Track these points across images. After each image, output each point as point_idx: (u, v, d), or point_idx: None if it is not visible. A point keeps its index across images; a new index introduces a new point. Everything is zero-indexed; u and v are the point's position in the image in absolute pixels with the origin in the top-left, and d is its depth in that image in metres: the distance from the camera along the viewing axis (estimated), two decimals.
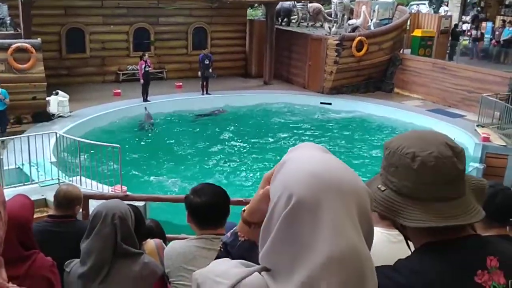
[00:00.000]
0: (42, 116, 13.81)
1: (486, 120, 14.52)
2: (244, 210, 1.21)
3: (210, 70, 17.29)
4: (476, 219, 1.16)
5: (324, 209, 0.85)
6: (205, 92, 17.46)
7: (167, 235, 4.20)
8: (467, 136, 14.13)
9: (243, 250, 1.19)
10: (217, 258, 1.20)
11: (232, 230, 1.24)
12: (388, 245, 2.36)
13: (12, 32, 16.60)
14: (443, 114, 16.33)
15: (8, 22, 17.19)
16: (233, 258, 1.11)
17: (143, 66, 15.75)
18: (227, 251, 1.22)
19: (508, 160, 12.79)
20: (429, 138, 1.19)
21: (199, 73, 17.27)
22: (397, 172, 1.17)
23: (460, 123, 15.19)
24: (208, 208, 2.38)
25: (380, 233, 2.38)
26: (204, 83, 17.32)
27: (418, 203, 1.15)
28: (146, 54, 16.34)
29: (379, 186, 1.22)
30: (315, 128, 16.30)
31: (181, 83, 18.21)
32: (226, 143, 14.54)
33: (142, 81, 15.91)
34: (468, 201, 1.17)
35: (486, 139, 13.31)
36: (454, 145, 1.18)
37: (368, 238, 0.91)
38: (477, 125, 14.54)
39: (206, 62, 17.11)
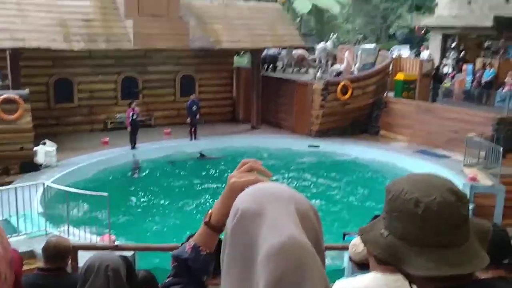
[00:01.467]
0: (30, 166, 13.69)
1: (472, 160, 14.71)
2: (207, 221, 1.24)
3: (198, 116, 17.48)
4: (481, 266, 1.14)
5: (266, 212, 0.93)
6: (193, 138, 17.55)
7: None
8: (454, 176, 14.22)
9: (207, 263, 1.22)
10: (174, 275, 1.21)
11: (187, 245, 1.25)
12: None
13: (0, 83, 16.69)
14: (430, 155, 16.53)
15: None
16: (195, 273, 1.17)
17: (131, 114, 15.87)
18: (187, 267, 1.22)
19: (496, 199, 12.89)
20: (432, 183, 1.17)
21: (188, 119, 17.41)
22: (400, 217, 1.15)
23: (447, 164, 15.35)
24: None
25: (378, 277, 2.37)
26: (192, 129, 17.45)
27: (422, 250, 1.13)
28: (134, 102, 16.48)
29: (382, 232, 1.19)
30: (304, 171, 16.36)
31: (169, 130, 18.30)
32: (216, 187, 14.49)
33: (129, 128, 15.98)
34: (472, 247, 1.15)
35: (474, 179, 13.44)
36: (457, 190, 1.16)
37: (314, 240, 0.94)
38: (464, 165, 14.70)
39: (194, 108, 17.31)
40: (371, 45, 24.15)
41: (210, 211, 1.26)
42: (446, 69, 23.55)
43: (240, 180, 1.18)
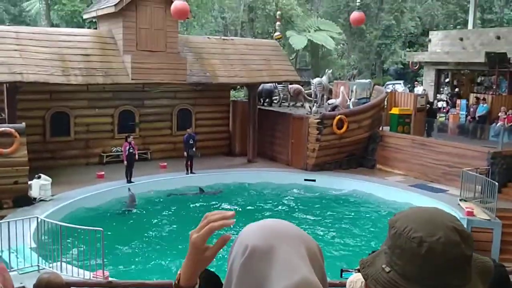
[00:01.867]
0: (23, 200, 13.57)
1: (469, 194, 14.72)
2: (176, 283, 1.21)
3: (194, 149, 17.52)
4: None
5: (276, 252, 0.93)
6: (189, 172, 17.52)
7: None
8: (451, 210, 14.19)
9: None
10: None
11: None
12: None
13: None
14: (426, 189, 16.53)
15: None
16: None
17: (127, 147, 15.87)
18: None
19: (493, 234, 12.83)
20: (437, 221, 1.14)
21: (185, 153, 17.42)
22: (403, 255, 1.12)
23: (443, 198, 15.34)
24: None
25: None
26: (189, 162, 17.44)
27: None
28: (131, 136, 16.51)
29: (384, 267, 1.16)
30: (300, 205, 16.28)
31: (165, 163, 18.27)
32: None
33: (125, 162, 15.95)
34: None
35: (470, 213, 13.41)
36: (461, 229, 1.14)
37: (322, 280, 0.95)
38: (460, 200, 14.69)
39: (191, 142, 17.36)
40: (366, 80, 24.50)
41: (179, 271, 1.22)
42: (441, 104, 23.82)
43: (199, 235, 1.17)
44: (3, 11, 37.04)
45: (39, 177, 14.20)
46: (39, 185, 14.06)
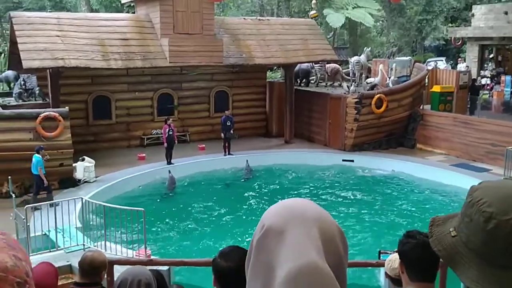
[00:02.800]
0: (69, 182, 14.08)
1: None
2: None
3: (232, 131, 17.64)
4: None
5: (287, 233, 0.93)
6: (227, 153, 17.67)
7: None
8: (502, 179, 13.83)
9: None
10: None
11: None
12: None
13: (41, 101, 17.31)
14: (468, 168, 16.12)
15: (37, 92, 18.00)
16: None
17: (167, 130, 16.13)
18: None
19: None
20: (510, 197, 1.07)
21: (222, 134, 17.58)
22: (470, 225, 1.10)
23: (487, 177, 14.91)
24: (235, 273, 2.30)
25: None
26: (226, 144, 17.59)
27: (481, 263, 1.08)
28: (170, 119, 16.77)
29: (451, 230, 1.15)
30: (338, 186, 16.19)
31: (203, 145, 18.50)
32: (251, 204, 14.50)
33: (165, 144, 16.23)
34: None
35: None
36: None
37: (336, 265, 0.94)
38: (504, 179, 14.24)
39: (228, 123, 17.48)
40: (406, 58, 23.90)
41: None
42: (484, 81, 23.03)
43: None
44: None
45: (83, 160, 14.67)
46: (83, 167, 14.53)
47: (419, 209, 14.15)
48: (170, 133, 16.17)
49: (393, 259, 3.45)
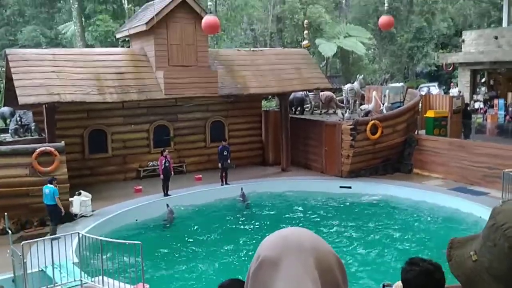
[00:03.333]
0: (65, 217, 13.94)
1: (511, 196, 14.24)
2: None
3: (229, 161, 17.65)
4: None
5: (283, 264, 0.92)
6: (224, 183, 17.63)
7: None
8: None
9: None
10: None
11: None
12: None
13: (37, 137, 17.30)
14: (466, 192, 16.11)
15: (33, 127, 17.99)
16: None
17: (163, 161, 16.12)
18: None
19: None
20: None
21: (219, 164, 17.56)
22: (493, 250, 1.05)
23: (485, 201, 14.91)
24: None
25: None
26: (223, 174, 17.56)
27: None
28: (166, 150, 16.78)
29: (472, 254, 1.10)
30: (337, 213, 16.11)
31: (200, 175, 18.46)
32: (250, 234, 14.37)
33: (162, 176, 16.20)
34: None
35: None
36: None
37: None
38: (503, 202, 14.23)
39: (225, 153, 17.51)
40: (399, 84, 24.16)
41: None
42: (477, 105, 23.26)
43: None
44: (40, 34, 38.38)
45: (79, 194, 14.59)
46: (80, 202, 14.44)
47: (422, 234, 14.05)
48: (167, 164, 16.16)
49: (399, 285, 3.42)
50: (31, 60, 15.72)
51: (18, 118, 18.34)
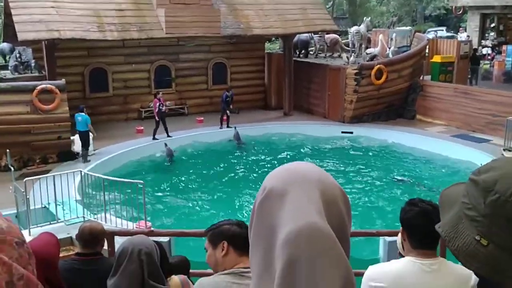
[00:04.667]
0: (67, 155, 14.04)
1: None
2: None
3: (231, 106, 17.51)
4: None
5: (289, 196, 0.92)
6: (223, 126, 17.49)
7: (192, 271, 4.13)
8: (493, 160, 13.81)
9: None
10: None
11: None
12: (421, 275, 2.28)
13: (37, 74, 17.11)
14: (468, 139, 16.07)
15: (33, 65, 17.77)
16: None
17: (157, 104, 15.83)
18: None
19: None
20: None
21: (227, 111, 17.26)
22: (510, 226, 0.92)
23: (487, 148, 14.91)
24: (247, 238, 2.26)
25: (412, 262, 2.30)
26: (224, 118, 17.41)
27: None
28: (160, 93, 16.50)
29: (478, 239, 0.95)
30: (338, 158, 16.17)
31: (202, 118, 18.38)
32: (250, 173, 14.50)
33: (157, 118, 15.94)
34: None
35: None
36: None
37: (338, 226, 0.92)
38: (504, 149, 14.25)
39: (228, 99, 17.33)
40: (406, 28, 23.59)
41: None
42: (485, 51, 22.81)
43: None
44: None
45: None
46: None
47: (419, 179, 14.17)
48: (161, 107, 15.83)
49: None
50: None
51: (18, 55, 18.10)
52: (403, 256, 2.47)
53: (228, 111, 17.32)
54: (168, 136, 16.21)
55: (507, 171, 0.96)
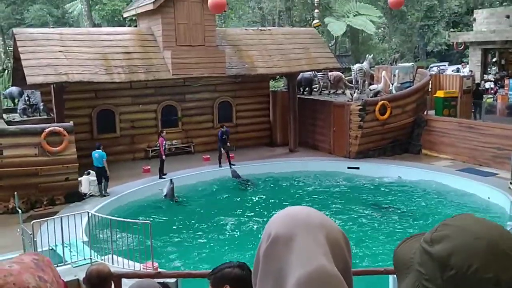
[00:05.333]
0: (75, 196, 14.09)
1: None
2: None
3: (228, 144, 17.60)
4: None
5: (296, 241, 0.94)
6: (223, 165, 17.47)
7: None
8: (502, 194, 13.77)
9: None
10: None
11: None
12: None
13: (45, 117, 17.37)
14: (475, 173, 16.03)
15: (41, 107, 18.05)
16: None
17: (164, 142, 16.08)
18: None
19: None
20: (497, 249, 0.88)
21: (222, 149, 17.41)
22: None
23: (494, 182, 14.85)
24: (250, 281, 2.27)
25: None
26: (221, 156, 17.44)
27: None
28: (164, 131, 16.74)
29: None
30: (345, 194, 16.11)
31: (208, 156, 18.48)
32: (257, 213, 14.44)
33: (164, 157, 16.10)
34: None
35: None
36: None
37: (343, 268, 0.95)
38: (511, 183, 14.18)
39: (224, 137, 17.44)
40: (408, 64, 23.87)
41: None
42: (488, 85, 22.97)
43: None
44: (46, 13, 38.27)
45: (88, 173, 14.68)
46: (89, 181, 14.54)
47: (429, 214, 14.05)
48: (166, 146, 16.14)
49: None
50: (38, 39, 15.70)
51: (26, 98, 18.40)
52: None
53: (223, 149, 17.38)
54: (161, 178, 16.17)
55: (462, 242, 0.89)
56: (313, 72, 21.93)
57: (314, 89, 23.22)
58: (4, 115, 17.49)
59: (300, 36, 20.56)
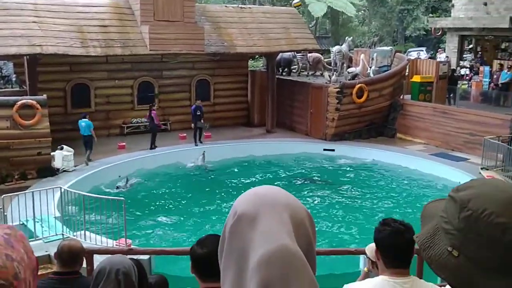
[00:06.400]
0: (47, 171, 13.87)
1: (490, 162, 14.53)
2: None
3: (202, 120, 17.50)
4: None
5: (260, 219, 0.96)
6: (198, 142, 17.50)
7: None
8: (472, 179, 14.04)
9: None
10: None
11: None
12: None
13: (18, 89, 16.96)
14: (447, 158, 16.35)
15: (14, 79, 17.62)
16: None
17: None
18: None
19: None
20: None
21: (192, 124, 17.43)
22: (480, 241, 0.99)
23: (464, 167, 15.17)
24: (210, 259, 2.31)
25: (386, 281, 2.36)
26: (197, 134, 17.45)
27: (501, 277, 0.99)
28: (156, 105, 16.81)
29: (450, 250, 1.02)
30: (319, 175, 16.27)
31: (185, 134, 18.35)
32: (231, 191, 14.49)
33: (163, 127, 16.72)
34: None
35: None
36: None
37: (306, 247, 0.96)
38: (482, 168, 14.52)
39: (198, 113, 17.33)
40: (387, 48, 24.01)
41: None
42: (463, 71, 23.29)
43: None
44: None
45: (61, 148, 14.44)
46: (62, 156, 14.31)
47: (400, 197, 14.32)
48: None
49: (373, 246, 3.52)
50: (11, 9, 15.21)
51: None
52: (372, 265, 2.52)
53: (194, 124, 17.25)
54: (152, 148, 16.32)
55: (482, 191, 1.03)
56: (293, 53, 21.88)
57: (293, 70, 23.21)
58: None
59: (281, 16, 20.42)
